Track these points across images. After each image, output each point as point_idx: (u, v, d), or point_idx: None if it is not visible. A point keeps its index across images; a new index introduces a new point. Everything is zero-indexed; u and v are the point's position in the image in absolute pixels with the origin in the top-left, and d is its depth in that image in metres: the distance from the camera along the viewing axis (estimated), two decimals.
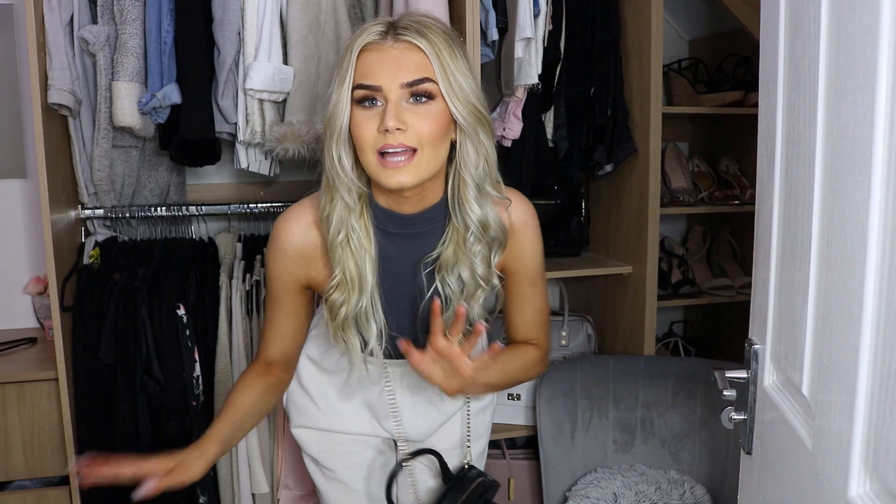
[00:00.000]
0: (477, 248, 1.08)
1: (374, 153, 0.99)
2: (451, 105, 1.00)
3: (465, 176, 1.04)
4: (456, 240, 1.09)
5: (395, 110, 0.97)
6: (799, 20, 0.75)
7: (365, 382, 1.29)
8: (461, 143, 1.04)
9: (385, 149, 0.97)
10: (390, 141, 0.97)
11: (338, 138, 1.01)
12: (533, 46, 1.77)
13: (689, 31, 2.58)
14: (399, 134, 0.97)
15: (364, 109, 0.99)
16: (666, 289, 2.25)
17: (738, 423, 0.92)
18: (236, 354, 1.78)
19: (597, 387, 1.89)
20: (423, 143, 0.99)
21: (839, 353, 0.64)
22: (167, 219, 1.96)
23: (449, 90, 0.99)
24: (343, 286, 1.09)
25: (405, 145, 0.97)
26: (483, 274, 1.10)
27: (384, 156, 0.98)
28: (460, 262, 1.09)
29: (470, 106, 1.01)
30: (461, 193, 1.06)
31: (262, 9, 1.67)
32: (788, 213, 0.79)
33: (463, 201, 1.06)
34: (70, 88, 1.66)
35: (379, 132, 0.97)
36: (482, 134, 1.03)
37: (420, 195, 1.06)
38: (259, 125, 1.71)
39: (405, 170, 0.98)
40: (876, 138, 0.56)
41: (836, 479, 0.64)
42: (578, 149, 2.02)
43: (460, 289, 1.11)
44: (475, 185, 1.05)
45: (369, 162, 1.00)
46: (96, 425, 1.75)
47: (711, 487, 1.79)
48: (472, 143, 1.03)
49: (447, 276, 1.10)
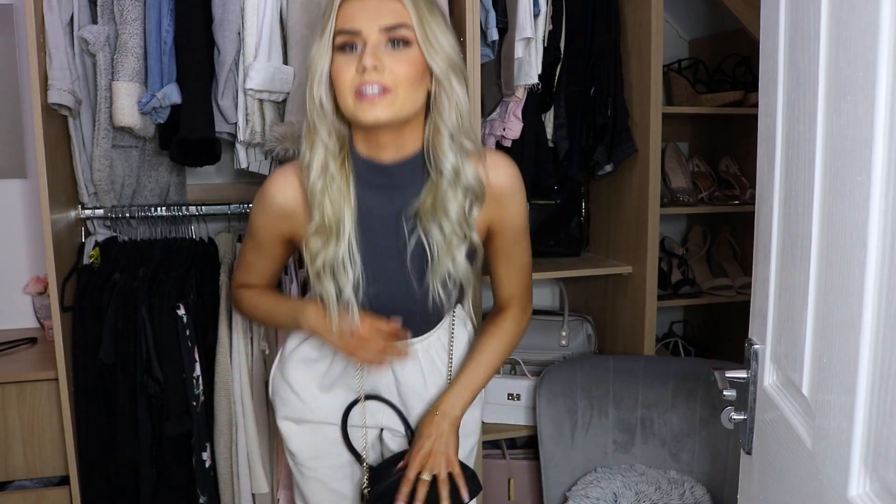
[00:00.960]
0: (452, 197, 1.12)
1: (351, 93, 1.04)
2: (426, 53, 1.05)
3: (440, 124, 1.09)
4: (434, 191, 1.13)
5: (372, 51, 1.03)
6: (799, 20, 0.75)
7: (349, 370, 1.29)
8: (436, 92, 1.08)
9: (362, 86, 1.02)
10: (367, 79, 1.02)
11: (318, 82, 1.07)
12: (533, 46, 1.77)
13: (689, 31, 2.58)
14: (375, 73, 1.02)
15: (344, 54, 1.05)
16: (666, 289, 2.25)
17: (738, 423, 0.92)
18: (236, 354, 1.78)
19: (597, 387, 1.89)
20: (398, 85, 1.04)
21: (839, 353, 0.64)
22: (167, 219, 1.96)
23: (424, 39, 1.04)
24: (321, 231, 1.13)
25: (381, 83, 1.02)
26: (460, 222, 1.13)
27: (361, 94, 1.03)
28: (438, 212, 1.13)
29: (445, 56, 1.06)
30: (435, 142, 1.10)
31: (262, 9, 1.67)
32: (788, 213, 0.79)
33: (437, 149, 1.10)
34: (70, 88, 1.66)
35: (357, 72, 1.03)
36: (456, 84, 1.08)
37: (398, 142, 1.11)
38: (259, 125, 1.71)
39: (381, 105, 1.03)
40: (876, 138, 0.56)
41: (836, 479, 0.64)
42: (578, 149, 2.02)
43: (442, 239, 1.14)
44: (449, 133, 1.09)
45: (347, 102, 1.05)
46: (96, 425, 1.75)
47: (711, 487, 1.79)
48: (447, 93, 1.08)
49: (428, 224, 1.14)
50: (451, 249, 1.15)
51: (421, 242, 1.16)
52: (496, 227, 1.21)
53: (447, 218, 1.13)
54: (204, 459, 1.78)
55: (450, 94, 1.08)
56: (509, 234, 1.23)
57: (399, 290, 1.20)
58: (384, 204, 1.16)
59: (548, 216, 2.19)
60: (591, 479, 1.83)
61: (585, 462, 1.88)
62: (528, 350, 2.14)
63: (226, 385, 1.78)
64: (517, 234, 1.25)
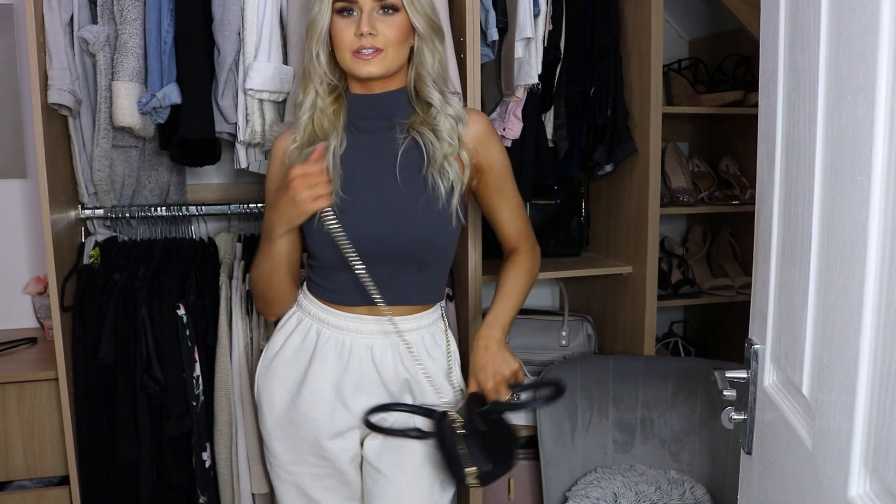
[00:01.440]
0: (442, 119, 1.29)
1: (349, 52, 1.24)
2: (411, 16, 1.24)
3: (422, 72, 1.29)
4: (420, 119, 1.30)
5: (368, 19, 1.22)
6: (799, 20, 0.75)
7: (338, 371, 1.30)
8: (418, 48, 1.28)
9: (360, 48, 1.22)
10: (364, 43, 1.21)
11: (318, 39, 1.26)
12: (533, 46, 1.77)
13: (689, 31, 2.58)
14: (370, 38, 1.22)
15: (343, 18, 1.24)
16: (666, 289, 2.25)
17: (738, 423, 0.92)
18: (236, 354, 1.78)
19: (597, 387, 1.89)
20: (388, 45, 1.24)
21: (839, 353, 0.64)
22: (167, 219, 1.96)
23: (410, 4, 1.24)
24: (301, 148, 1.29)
25: (375, 47, 1.22)
26: (450, 136, 1.28)
27: (358, 53, 1.23)
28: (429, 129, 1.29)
29: (427, 17, 1.26)
30: (418, 85, 1.30)
31: (262, 9, 1.67)
32: (788, 213, 0.79)
33: (422, 90, 1.30)
34: (70, 88, 1.66)
35: (355, 36, 1.22)
36: (436, 41, 1.29)
37: (384, 82, 1.29)
38: (259, 125, 1.71)
39: (374, 62, 1.23)
40: (876, 138, 0.56)
41: (836, 479, 0.64)
42: (578, 149, 2.02)
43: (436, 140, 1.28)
44: (431, 79, 1.29)
45: (345, 58, 1.24)
46: (96, 425, 1.75)
47: (711, 487, 1.79)
48: (428, 47, 1.28)
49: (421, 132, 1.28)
50: (444, 149, 1.28)
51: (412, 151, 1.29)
52: (485, 166, 1.35)
53: (438, 133, 1.28)
54: (204, 459, 1.78)
55: (431, 48, 1.28)
56: (499, 172, 1.37)
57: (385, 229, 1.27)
58: (373, 139, 1.31)
59: (548, 216, 2.19)
60: (591, 479, 1.83)
61: (585, 462, 1.88)
62: (528, 350, 2.14)
63: (226, 385, 1.78)
64: (505, 172, 1.38)
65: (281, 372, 1.34)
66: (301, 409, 1.32)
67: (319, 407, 1.31)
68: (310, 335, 1.33)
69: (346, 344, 1.31)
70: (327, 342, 1.31)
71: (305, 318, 1.34)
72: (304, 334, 1.33)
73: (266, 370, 1.37)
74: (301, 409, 1.32)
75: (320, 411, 1.31)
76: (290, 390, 1.33)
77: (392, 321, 1.29)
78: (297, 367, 1.33)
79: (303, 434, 1.33)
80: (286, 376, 1.33)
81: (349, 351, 1.31)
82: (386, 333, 1.31)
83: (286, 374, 1.33)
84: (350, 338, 1.31)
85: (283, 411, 1.34)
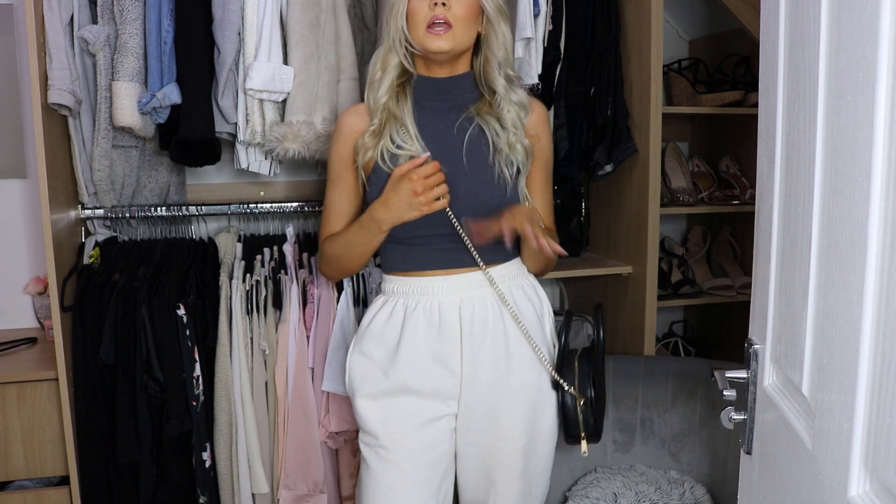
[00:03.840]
0: (506, 106, 1.35)
1: (423, 26, 1.29)
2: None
3: (489, 55, 1.35)
4: (486, 107, 1.36)
5: None
6: (799, 20, 0.75)
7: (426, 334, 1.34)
8: (486, 31, 1.34)
9: (433, 20, 1.28)
10: (437, 12, 1.28)
11: (399, 15, 1.31)
12: (533, 46, 1.78)
13: (689, 31, 2.58)
14: (443, 9, 1.28)
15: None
16: (666, 289, 2.25)
17: (738, 423, 0.92)
18: (236, 354, 1.78)
19: None
20: (458, 21, 1.29)
21: (839, 353, 0.64)
22: (167, 219, 1.96)
23: None
24: (376, 134, 1.35)
25: (446, 18, 1.28)
26: (515, 125, 1.35)
27: (430, 27, 1.29)
28: (494, 117, 1.35)
29: (494, 1, 1.33)
30: (486, 69, 1.36)
31: (262, 9, 1.67)
32: (788, 213, 0.79)
33: (488, 75, 1.36)
34: (70, 88, 1.66)
35: (429, 8, 1.28)
36: (503, 25, 1.34)
37: (451, 65, 1.36)
38: (259, 125, 1.71)
39: (444, 37, 1.29)
40: (876, 138, 0.56)
41: (836, 479, 0.64)
42: (578, 149, 2.02)
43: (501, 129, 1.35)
44: (497, 62, 1.35)
45: (419, 33, 1.30)
46: (96, 425, 1.75)
47: (711, 487, 1.79)
48: (495, 31, 1.34)
49: (487, 120, 1.35)
50: (510, 139, 1.34)
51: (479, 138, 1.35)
52: (536, 153, 1.40)
53: (503, 122, 1.34)
54: (204, 459, 1.78)
55: (497, 32, 1.34)
56: (545, 163, 1.44)
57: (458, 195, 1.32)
58: (439, 120, 1.36)
59: None
60: (591, 479, 1.83)
61: (585, 462, 1.88)
62: None
63: (226, 385, 1.78)
64: (549, 165, 1.46)
65: (371, 348, 1.37)
66: (398, 381, 1.34)
67: (419, 374, 1.34)
68: (396, 310, 1.36)
69: (435, 307, 1.34)
70: (416, 309, 1.35)
71: (391, 297, 1.38)
72: (391, 310, 1.37)
73: (355, 351, 1.39)
74: (398, 380, 1.34)
75: (419, 377, 1.34)
76: (383, 365, 1.35)
77: (487, 273, 1.34)
78: (386, 341, 1.36)
79: (400, 405, 1.35)
80: (376, 352, 1.36)
81: (438, 313, 1.34)
82: (472, 287, 1.35)
83: (376, 350, 1.36)
84: (438, 299, 1.34)
85: (378, 388, 1.35)
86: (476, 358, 1.35)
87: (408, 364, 1.34)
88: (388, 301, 1.38)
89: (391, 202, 1.30)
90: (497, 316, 1.35)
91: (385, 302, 1.39)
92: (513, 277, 1.39)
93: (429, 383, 1.35)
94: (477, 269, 1.35)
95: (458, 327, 1.34)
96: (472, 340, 1.34)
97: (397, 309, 1.36)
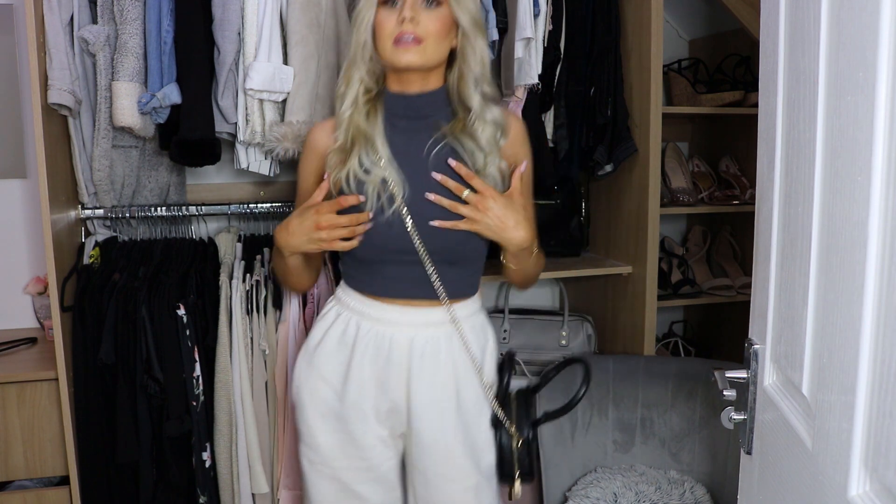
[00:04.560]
0: (480, 126, 1.27)
1: (390, 41, 1.22)
2: (455, 11, 1.24)
3: (464, 70, 1.27)
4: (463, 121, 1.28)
5: (411, 6, 1.21)
6: (799, 20, 0.75)
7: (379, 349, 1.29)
8: (462, 45, 1.27)
9: (401, 35, 1.21)
10: (405, 29, 1.20)
11: (364, 28, 1.25)
12: (533, 46, 1.77)
13: (689, 31, 2.58)
14: (412, 24, 1.20)
15: (387, 9, 1.23)
16: (666, 289, 2.25)
17: (738, 423, 0.92)
18: (236, 354, 1.78)
19: (597, 387, 1.89)
20: (429, 37, 1.22)
21: (839, 353, 0.64)
22: (167, 219, 1.96)
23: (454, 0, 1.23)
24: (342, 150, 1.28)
25: (415, 34, 1.21)
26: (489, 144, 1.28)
27: (398, 41, 1.21)
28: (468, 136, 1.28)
29: (470, 14, 1.25)
30: (460, 85, 1.28)
31: (262, 9, 1.67)
32: (788, 213, 0.79)
33: (463, 91, 1.28)
34: (70, 88, 1.66)
35: (397, 22, 1.21)
36: (479, 40, 1.27)
37: (423, 81, 1.28)
38: (259, 125, 1.71)
39: (413, 51, 1.22)
40: (876, 138, 0.56)
41: (837, 480, 0.64)
42: (578, 149, 2.02)
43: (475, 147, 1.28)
44: (473, 78, 1.27)
45: (386, 48, 1.23)
46: (96, 425, 1.75)
47: (711, 487, 1.79)
48: (471, 45, 1.26)
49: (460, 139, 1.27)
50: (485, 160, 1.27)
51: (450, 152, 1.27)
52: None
53: (477, 142, 1.27)
54: (204, 459, 1.78)
55: (474, 46, 1.26)
56: (525, 176, 1.36)
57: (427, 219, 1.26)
58: (409, 140, 1.29)
59: (548, 216, 2.19)
60: (591, 479, 1.83)
61: (585, 462, 1.88)
62: (529, 350, 2.14)
63: (226, 385, 1.78)
64: (528, 181, 1.39)
65: (322, 366, 1.33)
66: (348, 403, 1.30)
67: (367, 401, 1.30)
68: (349, 328, 1.32)
69: (387, 336, 1.29)
70: (367, 334, 1.30)
71: (345, 312, 1.33)
72: (345, 327, 1.32)
73: (307, 365, 1.35)
74: (348, 402, 1.30)
75: (368, 405, 1.30)
76: (334, 385, 1.32)
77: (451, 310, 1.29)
78: (338, 359, 1.32)
79: (350, 428, 1.31)
80: (328, 370, 1.32)
81: (389, 343, 1.29)
82: (427, 325, 1.29)
83: (328, 369, 1.32)
84: (391, 330, 1.29)
85: (329, 406, 1.32)
86: (423, 396, 1.29)
87: (358, 388, 1.30)
88: (342, 316, 1.33)
89: (291, 227, 1.26)
90: (448, 354, 1.30)
91: (338, 316, 1.34)
92: (471, 315, 1.34)
93: (377, 412, 1.31)
94: (437, 303, 1.29)
95: (406, 363, 1.29)
96: (421, 378, 1.29)
97: (350, 328, 1.32)
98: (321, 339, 1.34)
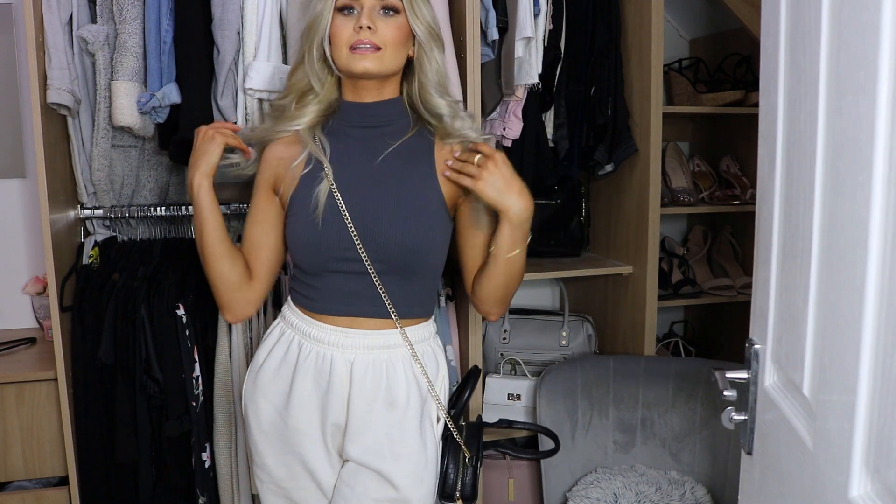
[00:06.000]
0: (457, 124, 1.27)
1: (346, 48, 1.22)
2: (410, 20, 1.24)
3: (423, 79, 1.27)
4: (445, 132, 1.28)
5: (368, 14, 1.21)
6: (799, 20, 0.74)
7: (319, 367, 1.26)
8: (418, 55, 1.27)
9: (358, 43, 1.20)
10: (362, 37, 1.20)
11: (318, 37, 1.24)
12: (533, 46, 1.77)
13: (690, 31, 2.58)
14: (369, 33, 1.20)
15: (343, 16, 1.23)
16: (666, 289, 2.25)
17: (739, 423, 0.92)
18: (236, 354, 1.78)
19: (597, 387, 1.89)
20: (386, 45, 1.22)
21: (840, 353, 0.64)
22: (167, 219, 1.96)
23: (410, 9, 1.23)
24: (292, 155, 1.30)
25: (372, 43, 1.21)
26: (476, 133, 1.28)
27: (355, 49, 1.21)
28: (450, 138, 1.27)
29: (427, 25, 1.25)
30: (421, 94, 1.28)
31: (261, 8, 1.67)
32: (789, 213, 0.79)
33: (425, 98, 1.28)
34: (69, 88, 1.66)
35: (354, 31, 1.21)
36: (435, 49, 1.27)
37: (378, 89, 1.28)
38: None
39: (370, 58, 1.21)
40: (877, 138, 0.56)
41: (837, 480, 0.63)
42: (579, 149, 2.01)
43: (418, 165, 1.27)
44: (432, 86, 1.27)
45: (342, 55, 1.23)
46: (96, 425, 1.75)
47: (712, 488, 1.79)
48: (427, 55, 1.27)
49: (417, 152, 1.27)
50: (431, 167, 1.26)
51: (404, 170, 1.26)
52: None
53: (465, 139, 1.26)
54: (203, 459, 1.78)
55: (429, 55, 1.27)
56: None
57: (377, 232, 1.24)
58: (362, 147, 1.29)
59: (548, 216, 2.19)
60: (591, 479, 1.83)
61: (586, 462, 1.88)
62: (529, 350, 2.14)
63: (226, 385, 1.78)
64: None
65: (265, 386, 1.30)
66: (290, 425, 1.28)
67: (310, 423, 1.27)
68: (292, 347, 1.29)
69: (327, 358, 1.25)
70: (308, 356, 1.26)
71: (288, 330, 1.31)
72: (287, 347, 1.29)
73: (252, 385, 1.33)
74: (290, 425, 1.28)
75: (311, 427, 1.27)
76: (277, 406, 1.29)
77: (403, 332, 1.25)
78: (281, 381, 1.29)
79: (296, 449, 1.28)
80: (271, 391, 1.29)
81: (330, 365, 1.25)
82: (368, 348, 1.25)
83: (271, 389, 1.29)
84: (331, 352, 1.25)
85: (272, 427, 1.30)
86: (362, 423, 1.24)
87: (300, 409, 1.26)
88: (285, 335, 1.30)
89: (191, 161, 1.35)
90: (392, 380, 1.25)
91: (282, 335, 1.31)
92: (422, 341, 1.29)
93: (322, 434, 1.27)
94: (383, 324, 1.25)
95: (346, 387, 1.25)
96: (361, 404, 1.24)
97: (292, 348, 1.28)
98: (265, 358, 1.32)
